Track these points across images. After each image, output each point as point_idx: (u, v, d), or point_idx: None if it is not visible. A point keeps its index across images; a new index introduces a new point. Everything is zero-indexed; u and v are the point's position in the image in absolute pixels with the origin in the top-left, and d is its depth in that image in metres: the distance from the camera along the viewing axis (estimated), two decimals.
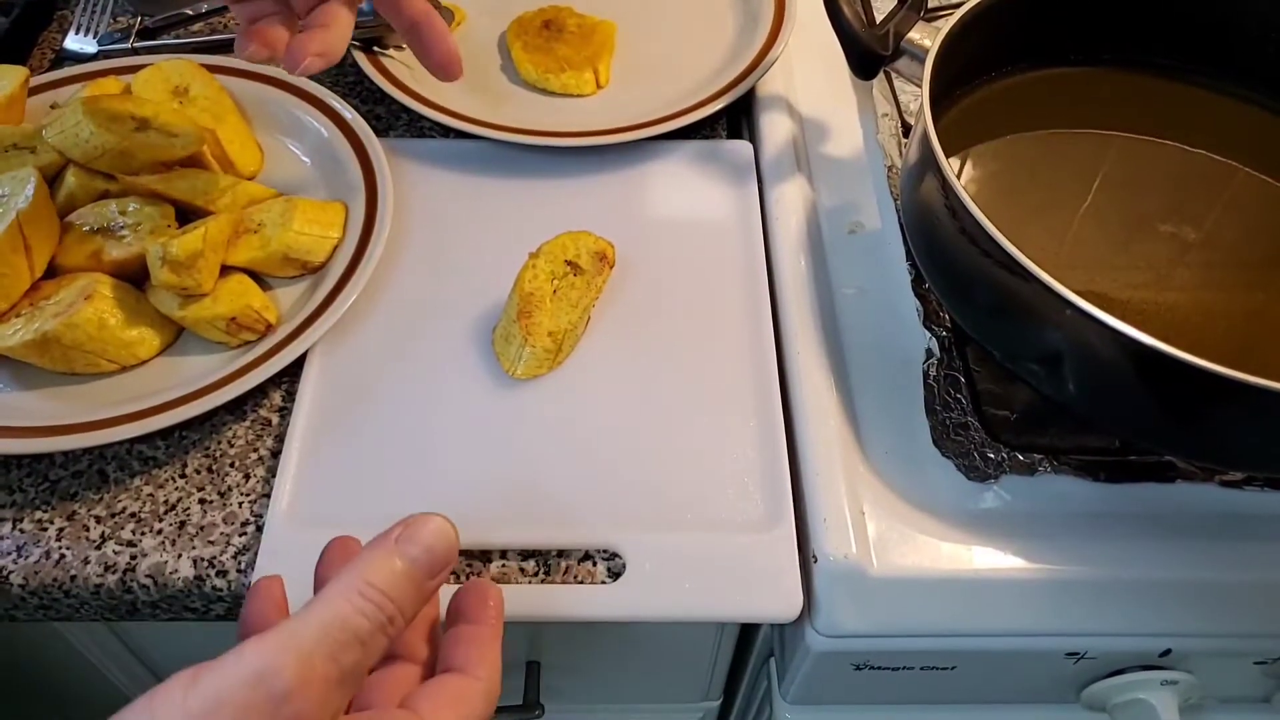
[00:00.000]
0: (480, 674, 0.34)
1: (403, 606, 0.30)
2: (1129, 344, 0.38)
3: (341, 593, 0.29)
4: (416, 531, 0.32)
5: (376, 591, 0.30)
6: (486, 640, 0.35)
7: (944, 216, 0.46)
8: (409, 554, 0.31)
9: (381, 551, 0.31)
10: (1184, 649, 0.48)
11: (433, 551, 0.32)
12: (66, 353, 0.49)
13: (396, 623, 0.30)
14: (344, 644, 0.28)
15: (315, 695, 0.27)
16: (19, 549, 0.46)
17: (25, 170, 0.51)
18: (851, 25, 0.55)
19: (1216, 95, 0.59)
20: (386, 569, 0.30)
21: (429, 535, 0.32)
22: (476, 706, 0.33)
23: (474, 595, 0.36)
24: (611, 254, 0.55)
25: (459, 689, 0.33)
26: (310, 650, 0.28)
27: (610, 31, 0.69)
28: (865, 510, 0.47)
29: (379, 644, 0.30)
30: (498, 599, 0.36)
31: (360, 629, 0.29)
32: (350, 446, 0.49)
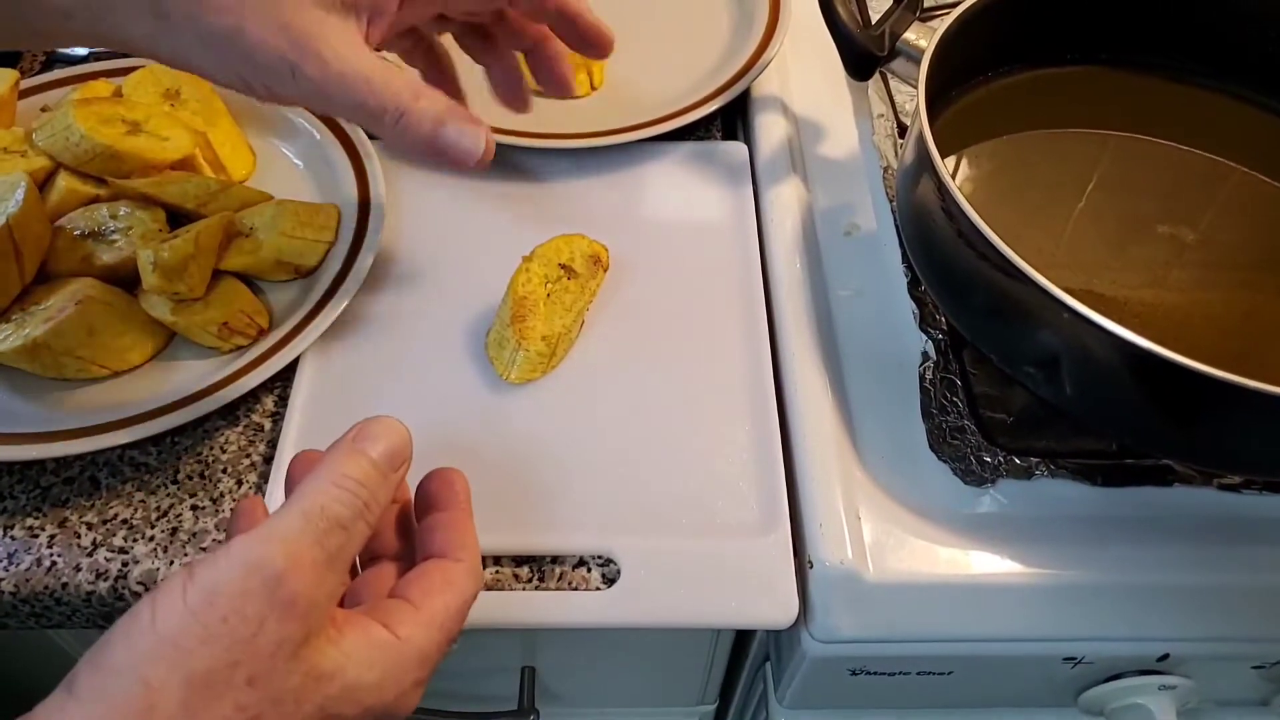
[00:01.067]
0: (461, 555, 0.35)
1: (375, 493, 0.32)
2: (1126, 347, 0.38)
3: (317, 487, 0.31)
4: (371, 429, 0.34)
5: (351, 480, 0.32)
6: (460, 523, 0.36)
7: (940, 218, 0.45)
8: (371, 449, 0.33)
9: (344, 449, 0.33)
10: (1182, 653, 0.48)
11: (391, 444, 0.34)
12: (57, 358, 0.48)
13: (372, 508, 0.32)
14: (326, 529, 0.30)
15: (307, 576, 0.29)
16: (10, 556, 0.46)
17: (15, 174, 0.51)
18: (846, 26, 0.55)
19: (1214, 95, 0.58)
20: (354, 462, 0.32)
21: (383, 430, 0.34)
22: (463, 585, 0.34)
23: (439, 483, 0.37)
24: (605, 257, 0.55)
25: (444, 572, 0.35)
26: (296, 537, 0.30)
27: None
28: (861, 515, 0.47)
29: (359, 530, 0.32)
30: (463, 482, 0.38)
31: (340, 515, 0.31)
32: None
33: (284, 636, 0.28)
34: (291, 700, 0.29)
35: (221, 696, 0.27)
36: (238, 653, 0.28)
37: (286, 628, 0.28)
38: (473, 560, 0.36)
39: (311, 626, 0.29)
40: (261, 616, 0.28)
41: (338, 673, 0.30)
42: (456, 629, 0.34)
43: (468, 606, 0.35)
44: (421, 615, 0.33)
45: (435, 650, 0.33)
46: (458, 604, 0.34)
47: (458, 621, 0.34)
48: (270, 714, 0.28)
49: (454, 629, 0.34)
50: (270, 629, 0.28)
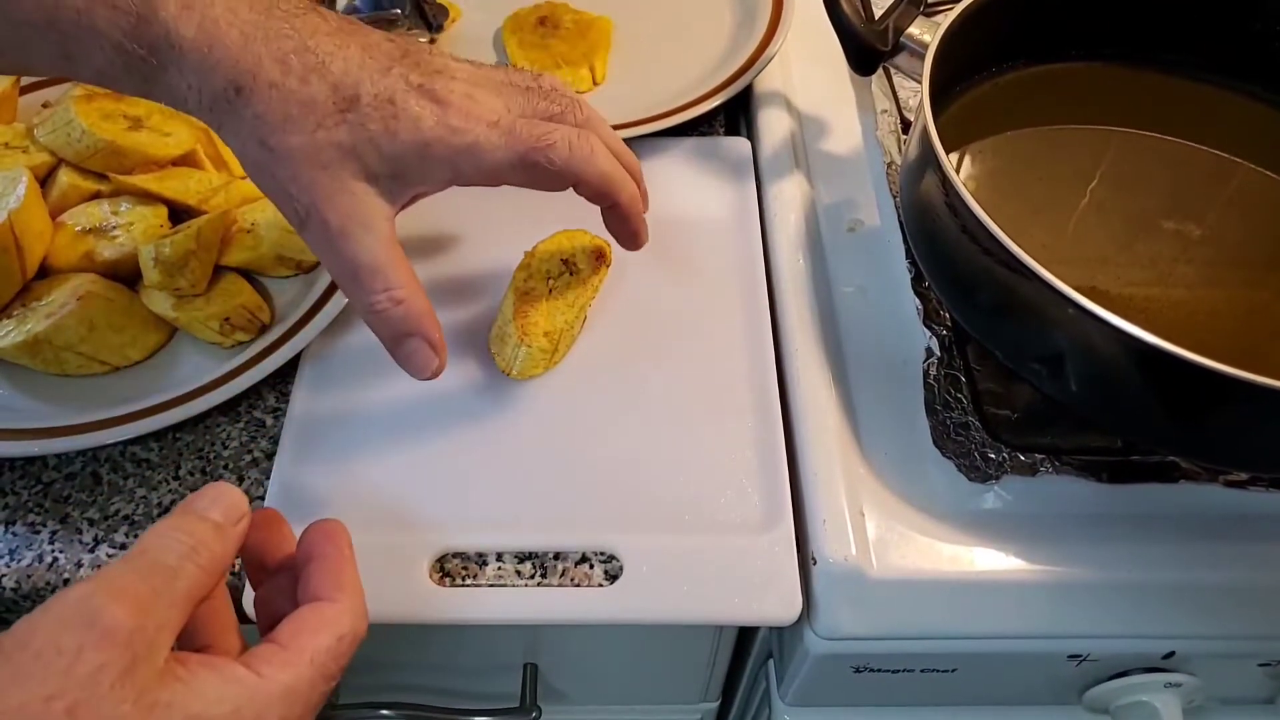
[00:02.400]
0: (336, 596, 0.34)
1: (201, 538, 0.32)
2: (1132, 343, 0.38)
3: (142, 539, 0.32)
4: (197, 495, 0.34)
5: (171, 528, 0.32)
6: (335, 566, 0.35)
7: (944, 214, 0.45)
8: (194, 504, 0.33)
9: (171, 514, 0.33)
10: (1187, 651, 0.48)
11: (215, 495, 0.34)
12: (58, 354, 0.48)
13: (200, 551, 0.31)
14: (149, 567, 0.30)
15: (128, 606, 0.28)
16: (11, 552, 0.46)
17: (16, 170, 0.51)
18: (850, 20, 0.55)
19: (1220, 90, 0.58)
20: (176, 515, 0.33)
21: (207, 490, 0.34)
22: (337, 623, 0.33)
23: (317, 534, 0.37)
24: (608, 252, 0.55)
25: (317, 613, 0.34)
26: (117, 575, 0.29)
27: (606, 27, 0.68)
28: (865, 511, 0.46)
29: (189, 571, 0.31)
30: (342, 530, 0.37)
31: (162, 556, 0.31)
32: (345, 448, 0.49)
33: (104, 662, 0.27)
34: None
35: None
36: (52, 685, 0.26)
37: (106, 654, 0.27)
38: (351, 600, 0.34)
39: (138, 653, 0.28)
40: (79, 645, 0.27)
41: (176, 703, 0.28)
42: (335, 667, 0.33)
43: (348, 645, 0.34)
44: (288, 654, 0.32)
45: (307, 687, 0.32)
46: (330, 642, 0.33)
47: (334, 659, 0.33)
48: None
49: (331, 666, 0.33)
50: (88, 657, 0.27)
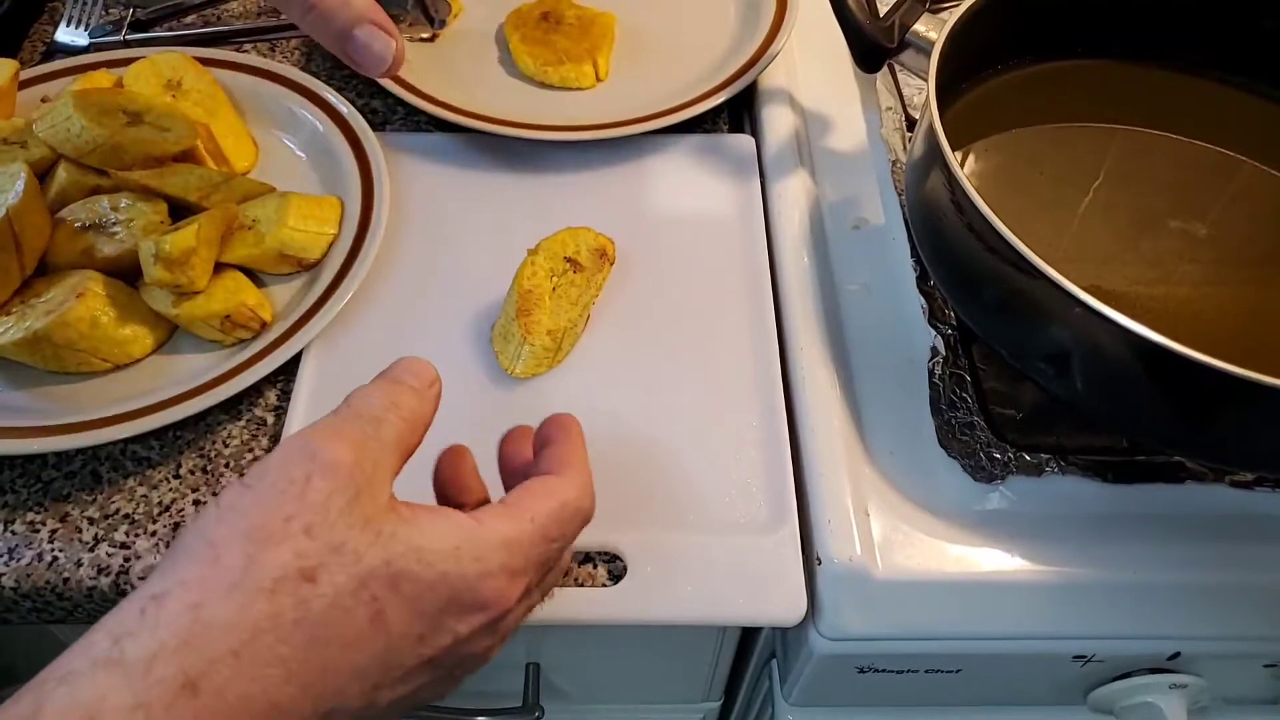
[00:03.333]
0: (563, 471, 0.36)
1: (399, 396, 0.34)
2: (1138, 342, 0.38)
3: (341, 405, 0.34)
4: (392, 365, 0.36)
5: (369, 389, 0.34)
6: (567, 450, 0.38)
7: (950, 212, 0.45)
8: (388, 374, 0.36)
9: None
10: (1193, 652, 0.47)
11: (407, 364, 0.36)
12: (58, 351, 0.48)
13: (400, 406, 0.34)
14: (356, 416, 0.33)
15: (345, 445, 0.31)
16: (11, 551, 0.45)
17: (15, 165, 0.50)
18: (856, 17, 0.54)
19: (1226, 88, 0.58)
20: (372, 383, 0.35)
21: (402, 362, 0.36)
22: (564, 493, 0.35)
23: (551, 424, 0.39)
24: (612, 250, 0.54)
25: (543, 483, 0.35)
26: (327, 423, 0.32)
27: (610, 23, 0.68)
28: (870, 511, 0.46)
29: (391, 421, 0.33)
30: (574, 421, 0.39)
31: (366, 407, 0.33)
32: None
33: (332, 489, 0.30)
34: (351, 550, 0.29)
35: (280, 544, 0.28)
36: (290, 507, 0.29)
37: (333, 483, 0.30)
38: (577, 475, 0.36)
39: (360, 485, 0.30)
40: (306, 474, 0.30)
41: (400, 532, 0.30)
42: (557, 531, 0.34)
43: (574, 515, 0.35)
44: (510, 509, 0.34)
45: (528, 542, 0.33)
46: (555, 507, 0.34)
47: (557, 523, 0.34)
48: (332, 562, 0.29)
49: (553, 529, 0.34)
50: (316, 484, 0.30)
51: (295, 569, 0.28)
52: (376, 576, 0.29)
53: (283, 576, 0.28)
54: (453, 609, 0.31)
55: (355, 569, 0.29)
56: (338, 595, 0.29)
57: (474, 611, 0.32)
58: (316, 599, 0.28)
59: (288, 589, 0.28)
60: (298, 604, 0.28)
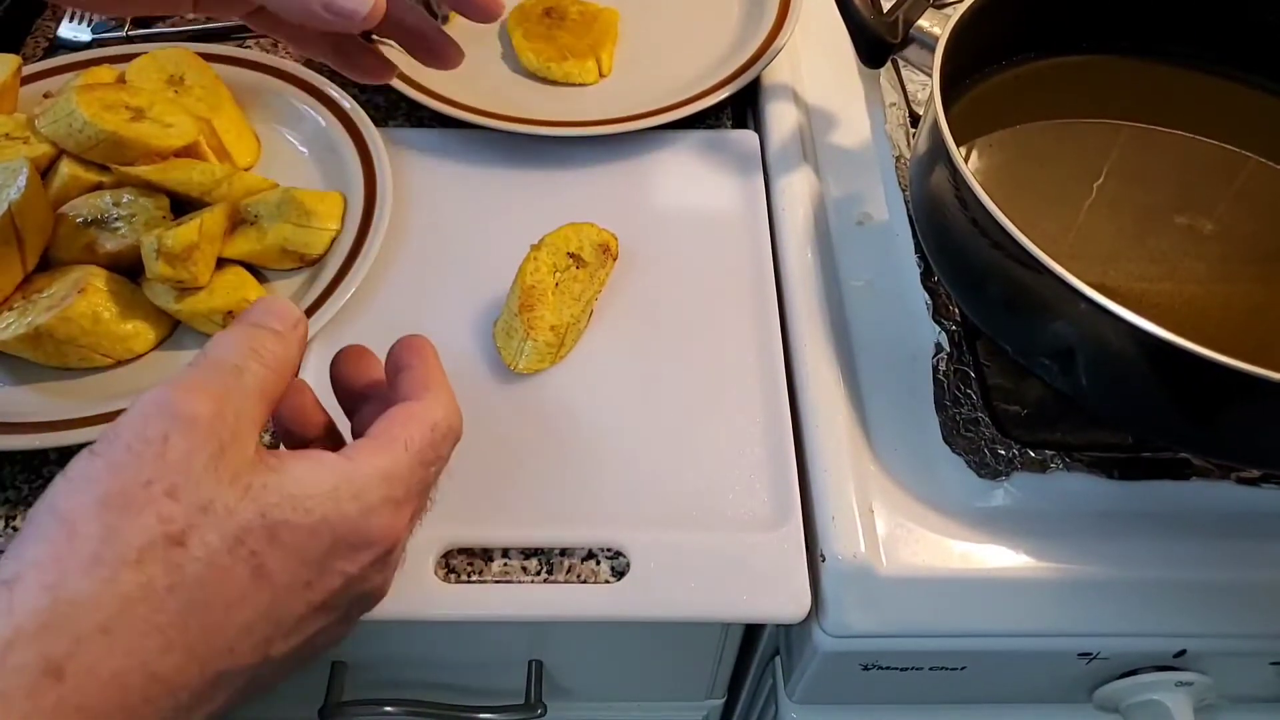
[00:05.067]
0: (423, 395, 0.35)
1: (260, 340, 0.32)
2: (1145, 338, 0.38)
3: (200, 353, 0.32)
4: (250, 308, 0.34)
5: (228, 335, 0.32)
6: (423, 371, 0.36)
7: (954, 208, 0.45)
8: (248, 317, 0.34)
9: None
10: (1199, 649, 0.47)
11: (266, 304, 0.34)
12: (60, 347, 0.48)
13: (261, 351, 0.32)
14: (213, 366, 0.31)
15: (203, 398, 0.29)
16: None
17: (17, 161, 0.50)
18: (860, 12, 0.54)
19: (1232, 84, 0.57)
20: (231, 328, 0.33)
21: (259, 303, 0.34)
22: (428, 415, 0.34)
23: (403, 349, 0.37)
24: (615, 246, 0.54)
25: (406, 409, 0.34)
26: (187, 375, 0.30)
27: (613, 19, 0.68)
28: (874, 508, 0.46)
29: (254, 369, 0.31)
30: (426, 341, 0.38)
31: (224, 356, 0.31)
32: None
33: (193, 446, 0.28)
34: (221, 507, 0.28)
35: (141, 510, 0.27)
36: (148, 470, 0.27)
37: (194, 439, 0.28)
38: (439, 395, 0.35)
39: (224, 441, 0.29)
40: (164, 433, 0.28)
41: (271, 484, 0.29)
42: (432, 454, 0.33)
43: (442, 434, 0.34)
44: (379, 441, 0.32)
45: (405, 471, 0.32)
46: (426, 430, 0.33)
47: (430, 447, 0.33)
48: (201, 523, 0.27)
49: (428, 453, 0.33)
50: (175, 443, 0.28)
51: (161, 534, 0.27)
52: (252, 531, 0.28)
53: (148, 543, 0.27)
54: (339, 551, 0.30)
55: (227, 526, 0.28)
56: (212, 555, 0.27)
57: (361, 550, 0.31)
58: (190, 563, 0.27)
59: (156, 556, 0.27)
60: (169, 570, 0.27)
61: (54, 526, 0.27)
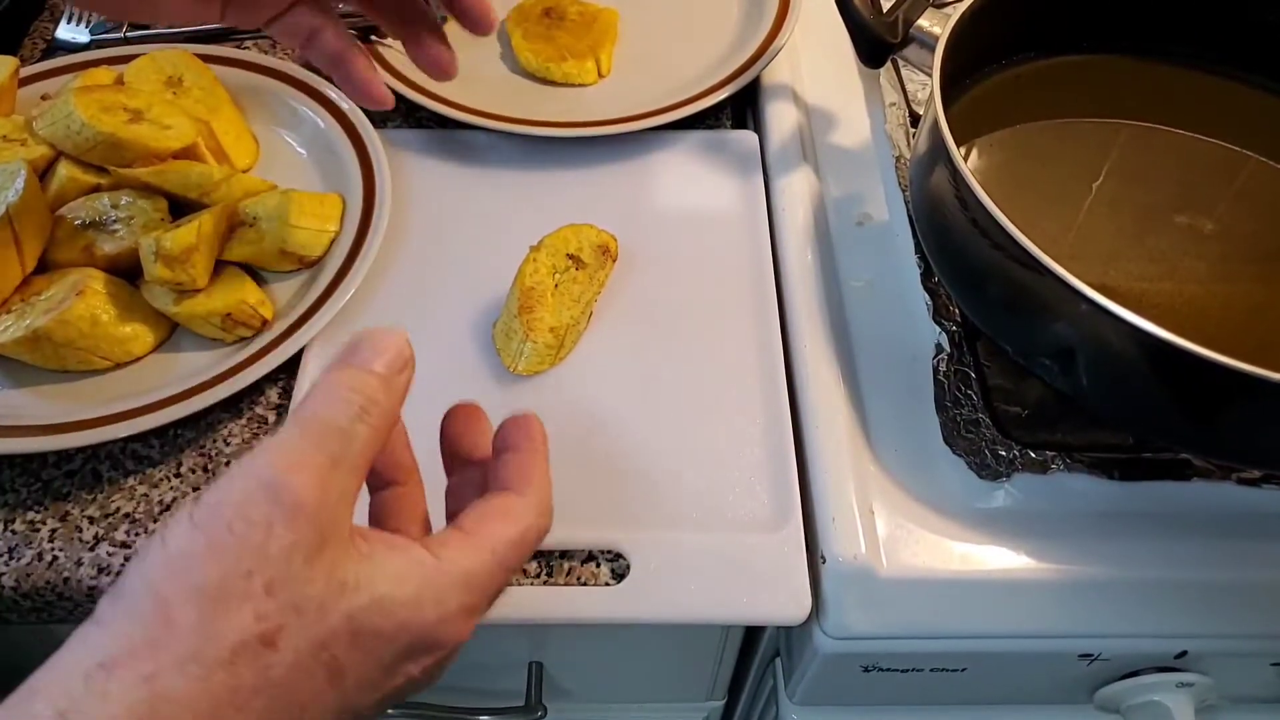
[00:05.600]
0: (525, 490, 0.34)
1: (372, 396, 0.31)
2: (1145, 339, 0.37)
3: (310, 400, 0.30)
4: (359, 343, 0.32)
5: (342, 387, 0.30)
6: (528, 461, 0.35)
7: (954, 208, 0.45)
8: (357, 356, 0.32)
9: (335, 365, 0.32)
10: (1200, 650, 0.47)
11: (381, 346, 0.32)
12: (58, 350, 0.48)
13: (371, 411, 0.30)
14: (322, 433, 0.29)
15: (309, 478, 0.28)
16: (11, 550, 0.45)
17: (15, 163, 0.50)
18: (859, 12, 0.54)
19: (1232, 83, 0.57)
20: (344, 371, 0.31)
21: (370, 338, 0.32)
22: (523, 518, 0.33)
23: (514, 427, 0.36)
24: (614, 247, 0.54)
25: (503, 502, 0.33)
26: (292, 445, 0.29)
27: (612, 19, 0.67)
28: (874, 509, 0.46)
29: (361, 432, 0.30)
30: (539, 426, 0.36)
31: (334, 418, 0.29)
32: None
33: (296, 540, 0.27)
34: (315, 608, 0.27)
35: (239, 606, 0.26)
36: (249, 561, 0.26)
37: (297, 531, 0.27)
38: (538, 496, 0.34)
39: (325, 531, 0.28)
40: (269, 521, 0.27)
41: (364, 583, 0.28)
42: (515, 559, 0.33)
43: (531, 538, 0.33)
44: (471, 540, 0.32)
45: (486, 576, 0.31)
46: (515, 534, 0.32)
47: (515, 551, 0.33)
48: (294, 624, 0.27)
49: (511, 559, 0.32)
50: (279, 533, 0.27)
51: (256, 634, 0.26)
52: (338, 635, 0.28)
53: (242, 643, 0.26)
54: (410, 654, 0.30)
55: (316, 630, 0.27)
56: (298, 659, 0.27)
57: (428, 653, 0.31)
58: (277, 665, 0.26)
59: (247, 657, 0.26)
60: (258, 672, 0.26)
61: (151, 609, 0.26)
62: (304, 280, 0.54)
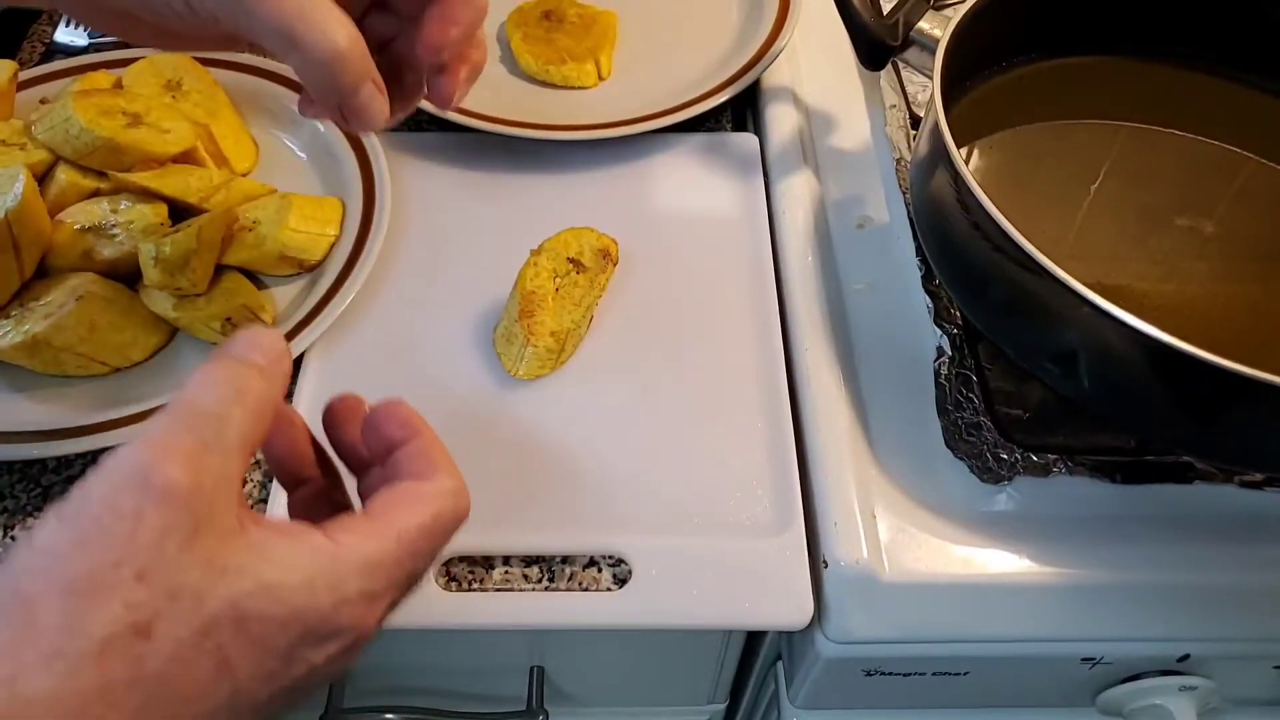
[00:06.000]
0: (432, 474, 0.32)
1: (245, 380, 0.30)
2: (1147, 342, 0.37)
3: (180, 392, 0.29)
4: (234, 339, 0.32)
5: (211, 374, 0.30)
6: (426, 446, 0.33)
7: (955, 211, 0.45)
8: (232, 349, 0.31)
9: (208, 361, 0.31)
10: (1202, 654, 0.47)
11: (251, 337, 0.32)
12: (57, 355, 0.48)
13: (246, 393, 0.30)
14: (194, 418, 0.28)
15: (180, 463, 0.27)
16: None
17: (14, 167, 0.50)
18: (860, 14, 0.54)
19: (1231, 84, 0.57)
20: (213, 362, 0.31)
21: (246, 333, 0.32)
22: (435, 502, 0.32)
23: (388, 419, 0.34)
24: (615, 251, 0.54)
25: (413, 489, 0.32)
26: (163, 432, 0.27)
27: (612, 21, 0.67)
28: (876, 513, 0.46)
29: (236, 415, 0.29)
30: (413, 412, 0.34)
31: (205, 404, 0.29)
32: None
33: (168, 525, 0.26)
34: (191, 595, 0.26)
35: (108, 598, 0.25)
36: (117, 551, 0.25)
37: (168, 516, 0.26)
38: (449, 480, 0.33)
39: (200, 516, 0.26)
40: (138, 509, 0.26)
41: (250, 568, 0.27)
42: (426, 546, 0.31)
43: (448, 525, 0.32)
44: (374, 524, 0.30)
45: (392, 562, 0.30)
46: (425, 519, 0.31)
47: (427, 538, 0.31)
48: (169, 612, 0.25)
49: (421, 544, 0.31)
50: (150, 520, 0.26)
51: (127, 624, 0.25)
52: (220, 622, 0.26)
53: (112, 635, 0.25)
54: (306, 641, 0.28)
55: (195, 617, 0.26)
56: (177, 649, 0.25)
57: (329, 640, 0.29)
58: (153, 656, 0.25)
59: (119, 648, 0.25)
60: (131, 663, 0.25)
61: (14, 609, 0.25)
62: (304, 284, 0.54)
